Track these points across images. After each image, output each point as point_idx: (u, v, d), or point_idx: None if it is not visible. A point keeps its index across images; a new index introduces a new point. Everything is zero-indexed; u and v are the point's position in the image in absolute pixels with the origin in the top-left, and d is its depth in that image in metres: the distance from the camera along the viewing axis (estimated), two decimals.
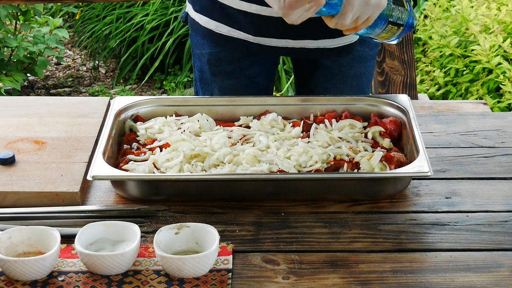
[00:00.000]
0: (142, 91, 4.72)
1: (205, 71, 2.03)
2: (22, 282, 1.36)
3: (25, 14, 4.49)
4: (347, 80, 2.02)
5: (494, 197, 1.61)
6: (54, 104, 1.95)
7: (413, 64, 3.39)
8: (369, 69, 2.07)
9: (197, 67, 2.07)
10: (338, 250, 1.45)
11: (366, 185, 1.60)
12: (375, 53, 2.06)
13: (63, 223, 1.52)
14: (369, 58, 2.04)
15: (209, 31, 1.96)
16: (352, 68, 2.02)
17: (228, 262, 1.41)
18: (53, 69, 4.99)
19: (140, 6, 4.89)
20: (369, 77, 2.09)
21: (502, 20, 3.98)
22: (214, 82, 2.03)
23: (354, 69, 2.02)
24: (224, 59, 1.99)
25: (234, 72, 2.01)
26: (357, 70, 2.03)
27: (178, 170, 1.61)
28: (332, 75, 2.02)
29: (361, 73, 2.04)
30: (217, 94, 2.02)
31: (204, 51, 2.01)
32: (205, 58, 2.01)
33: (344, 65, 2.01)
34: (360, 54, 2.00)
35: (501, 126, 1.89)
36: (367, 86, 2.09)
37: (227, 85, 2.01)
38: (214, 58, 2.00)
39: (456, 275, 1.38)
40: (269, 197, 1.60)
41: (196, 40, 2.04)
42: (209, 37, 1.98)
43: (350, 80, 2.03)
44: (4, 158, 1.67)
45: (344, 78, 2.02)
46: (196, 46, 2.04)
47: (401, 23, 1.63)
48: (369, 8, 1.54)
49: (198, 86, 2.09)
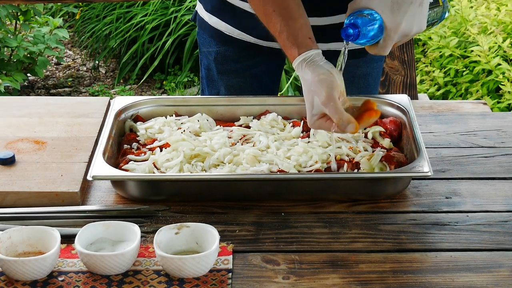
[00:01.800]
0: (142, 91, 4.72)
1: (212, 69, 2.04)
2: (22, 282, 1.36)
3: (25, 14, 4.49)
4: (353, 80, 2.02)
5: (494, 197, 1.61)
6: (54, 104, 1.95)
7: (413, 64, 3.39)
8: (376, 70, 2.07)
9: (204, 65, 2.07)
10: (338, 250, 1.45)
11: (366, 185, 1.60)
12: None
13: (63, 223, 1.52)
14: (376, 59, 2.04)
15: (217, 31, 1.97)
16: (359, 68, 2.02)
17: (228, 262, 1.41)
18: (53, 69, 4.98)
19: (140, 6, 4.89)
20: (376, 78, 2.09)
21: (502, 20, 3.98)
22: (220, 80, 2.03)
23: (360, 70, 2.02)
24: (230, 58, 2.00)
25: (240, 71, 2.01)
26: (364, 71, 2.03)
27: (178, 170, 1.61)
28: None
29: (367, 74, 2.04)
30: (223, 92, 2.03)
31: (211, 49, 2.01)
32: (212, 56, 2.02)
33: (351, 65, 2.00)
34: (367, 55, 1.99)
35: (501, 126, 1.89)
36: (373, 88, 2.08)
37: (233, 84, 2.02)
38: (221, 56, 2.01)
39: (456, 275, 1.38)
40: (269, 197, 1.60)
41: (203, 38, 2.04)
42: (216, 37, 1.98)
43: (357, 81, 2.02)
44: (4, 158, 1.67)
45: (350, 78, 2.01)
46: (204, 44, 2.05)
47: (435, 21, 1.67)
48: (408, 37, 1.58)
49: (205, 84, 2.09)
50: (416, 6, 1.54)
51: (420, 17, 1.56)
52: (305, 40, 1.58)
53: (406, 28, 1.55)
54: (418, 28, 1.57)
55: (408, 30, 1.55)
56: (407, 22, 1.54)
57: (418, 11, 1.55)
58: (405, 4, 1.52)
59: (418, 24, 1.56)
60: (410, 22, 1.54)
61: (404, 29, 1.54)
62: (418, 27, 1.57)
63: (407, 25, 1.54)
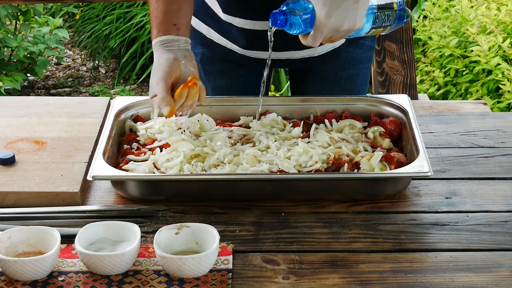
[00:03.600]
0: (142, 91, 4.72)
1: (199, 71, 2.03)
2: (22, 282, 1.36)
3: (25, 14, 4.49)
4: (340, 82, 2.01)
5: (494, 197, 1.61)
6: (54, 104, 1.95)
7: (413, 64, 3.38)
8: (363, 72, 2.05)
9: None
10: (338, 250, 1.45)
11: (366, 185, 1.60)
12: (369, 55, 2.04)
13: (63, 223, 1.52)
14: (363, 61, 2.02)
15: (200, 34, 1.97)
16: (346, 70, 2.00)
17: (228, 262, 1.41)
18: (53, 69, 4.98)
19: (140, 6, 4.89)
20: (364, 80, 2.06)
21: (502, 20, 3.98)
22: (207, 81, 2.02)
23: (347, 71, 2.01)
24: (216, 58, 1.99)
25: (227, 71, 2.01)
26: (350, 72, 2.01)
27: (178, 170, 1.61)
28: (325, 77, 2.01)
29: (354, 76, 2.02)
30: (211, 93, 2.02)
31: (197, 51, 2.00)
32: (198, 57, 2.01)
33: (337, 67, 2.00)
34: (353, 56, 1.99)
35: (501, 126, 1.89)
36: (361, 90, 2.06)
37: (220, 84, 2.01)
38: (206, 57, 2.00)
39: (456, 275, 1.38)
40: (269, 197, 1.60)
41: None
42: (199, 39, 1.98)
43: (343, 83, 2.01)
44: (4, 158, 1.67)
45: (337, 80, 2.01)
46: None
47: (387, 25, 1.64)
48: (339, 33, 1.55)
49: None
50: (351, 3, 1.51)
51: (354, 14, 1.52)
52: (168, 25, 1.68)
53: (337, 23, 1.51)
54: (350, 25, 1.53)
55: (338, 25, 1.52)
56: (338, 17, 1.51)
57: (353, 8, 1.52)
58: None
59: (350, 21, 1.53)
60: (342, 17, 1.51)
61: (334, 23, 1.51)
62: (350, 24, 1.53)
63: (337, 20, 1.51)
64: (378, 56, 3.35)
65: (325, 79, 2.01)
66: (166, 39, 1.68)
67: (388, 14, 1.62)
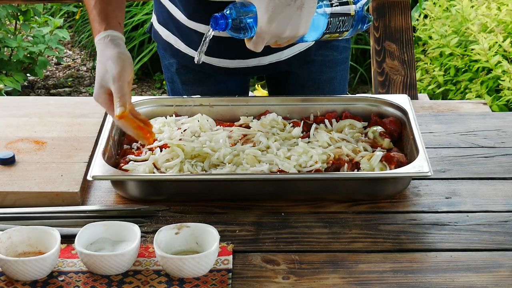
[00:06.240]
0: (142, 91, 4.72)
1: (175, 81, 2.02)
2: (22, 282, 1.36)
3: (25, 14, 4.49)
4: (318, 86, 2.00)
5: (494, 197, 1.61)
6: (54, 104, 1.95)
7: (413, 64, 3.38)
8: (341, 73, 2.03)
9: (168, 78, 2.05)
10: (338, 250, 1.45)
11: (366, 185, 1.60)
12: (345, 56, 2.02)
13: (63, 223, 1.52)
14: (340, 62, 2.00)
15: (169, 44, 1.95)
16: (323, 74, 1.99)
17: (228, 262, 1.41)
18: (53, 69, 4.99)
19: (140, 6, 4.89)
20: (342, 82, 2.05)
21: (502, 19, 3.98)
22: (185, 91, 2.01)
23: (325, 75, 1.99)
24: (190, 68, 1.97)
25: (203, 79, 1.99)
26: (328, 76, 2.00)
27: (178, 170, 1.61)
28: (303, 82, 2.00)
29: (332, 78, 2.01)
30: None
31: (171, 61, 1.99)
32: (173, 67, 2.00)
33: (314, 71, 1.98)
34: (329, 59, 1.98)
35: (501, 126, 1.89)
36: (340, 92, 2.04)
37: (198, 92, 1.97)
38: (181, 67, 1.99)
39: (456, 275, 1.38)
40: (269, 197, 1.60)
41: (161, 52, 2.03)
42: (169, 51, 1.97)
43: (322, 86, 2.00)
44: (4, 158, 1.67)
45: (315, 84, 1.99)
46: (164, 57, 2.03)
47: (343, 30, 1.61)
48: (282, 39, 1.53)
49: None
50: (294, 9, 1.48)
51: (297, 21, 1.49)
52: (114, 22, 1.64)
53: (278, 29, 1.49)
54: (292, 32, 1.50)
55: (280, 31, 1.49)
56: (279, 23, 1.48)
57: (296, 15, 1.48)
58: (281, 4, 1.47)
59: (293, 27, 1.49)
60: (284, 23, 1.49)
61: (275, 29, 1.48)
62: (292, 31, 1.50)
63: (279, 26, 1.48)
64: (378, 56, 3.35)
65: (304, 84, 1.99)
66: (117, 35, 1.62)
67: (343, 20, 1.59)
